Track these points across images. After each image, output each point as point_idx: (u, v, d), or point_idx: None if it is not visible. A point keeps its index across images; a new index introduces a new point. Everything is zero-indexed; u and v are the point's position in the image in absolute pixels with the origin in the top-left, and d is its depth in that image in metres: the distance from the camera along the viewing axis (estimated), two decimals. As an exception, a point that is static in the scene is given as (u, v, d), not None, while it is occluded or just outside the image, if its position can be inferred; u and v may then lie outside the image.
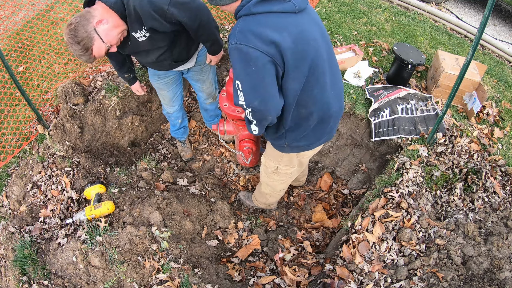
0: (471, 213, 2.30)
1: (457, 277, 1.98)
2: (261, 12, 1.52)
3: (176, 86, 2.83)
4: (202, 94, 2.99)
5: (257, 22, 1.52)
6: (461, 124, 2.88)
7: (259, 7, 1.52)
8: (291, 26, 1.55)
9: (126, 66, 2.62)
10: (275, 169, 2.32)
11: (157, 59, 2.37)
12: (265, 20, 1.53)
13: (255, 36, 1.49)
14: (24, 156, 2.96)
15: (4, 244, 2.46)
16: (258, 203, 3.02)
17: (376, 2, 4.42)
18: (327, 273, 2.26)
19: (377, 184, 2.65)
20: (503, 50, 4.15)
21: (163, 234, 2.33)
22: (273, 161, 2.28)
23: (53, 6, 3.81)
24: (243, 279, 2.55)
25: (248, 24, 1.53)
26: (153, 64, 2.50)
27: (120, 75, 2.70)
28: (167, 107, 3.00)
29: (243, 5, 1.55)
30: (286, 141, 1.97)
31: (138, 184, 2.76)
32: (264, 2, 1.52)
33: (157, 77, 2.69)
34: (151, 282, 2.12)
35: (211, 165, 3.50)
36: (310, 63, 1.62)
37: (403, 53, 3.02)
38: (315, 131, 1.93)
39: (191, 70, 2.70)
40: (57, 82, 3.19)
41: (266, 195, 2.76)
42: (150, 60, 2.39)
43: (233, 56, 1.55)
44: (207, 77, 2.83)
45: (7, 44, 3.44)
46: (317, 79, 1.69)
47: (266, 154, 2.34)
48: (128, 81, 2.77)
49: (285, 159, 2.21)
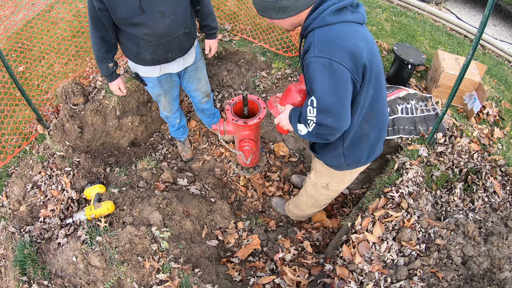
0: (471, 213, 2.30)
1: (457, 277, 1.98)
2: (336, 22, 1.44)
3: (175, 90, 2.81)
4: (198, 94, 2.97)
5: (336, 33, 1.43)
6: (461, 124, 2.88)
7: (335, 17, 1.43)
8: (363, 37, 1.48)
9: (114, 50, 2.29)
10: (326, 185, 2.23)
11: (169, 26, 2.15)
12: (343, 30, 1.44)
13: (338, 48, 1.40)
14: (24, 156, 2.96)
15: (4, 244, 2.46)
16: (290, 214, 2.95)
17: (376, 2, 4.42)
18: (327, 273, 2.26)
19: (377, 184, 2.65)
20: (503, 50, 4.15)
21: (163, 234, 2.33)
22: (325, 178, 2.18)
23: (53, 6, 3.81)
24: (243, 279, 2.55)
25: (327, 35, 1.42)
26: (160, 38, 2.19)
27: (102, 65, 2.30)
28: (166, 111, 2.97)
29: (314, 18, 1.45)
30: (344, 160, 1.87)
31: (138, 184, 2.76)
32: (339, 12, 1.44)
33: (160, 83, 2.58)
34: (151, 282, 2.12)
35: (211, 165, 3.50)
36: (376, 76, 1.56)
37: (403, 53, 3.02)
38: (374, 145, 1.86)
39: (187, 71, 2.68)
40: (57, 82, 3.20)
41: (305, 206, 2.61)
42: (162, 26, 2.12)
43: (314, 70, 1.41)
44: (202, 74, 2.82)
45: (7, 44, 3.44)
46: (380, 92, 1.63)
47: (316, 170, 2.20)
48: (110, 75, 2.39)
49: (337, 176, 2.10)
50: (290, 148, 3.61)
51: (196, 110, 3.30)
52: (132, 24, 2.09)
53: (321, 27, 1.45)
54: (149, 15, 2.05)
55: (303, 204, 2.62)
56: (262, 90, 3.50)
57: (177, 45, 2.35)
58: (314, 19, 1.46)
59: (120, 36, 2.26)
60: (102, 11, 2.01)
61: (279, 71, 3.49)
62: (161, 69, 2.48)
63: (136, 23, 2.08)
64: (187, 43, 2.43)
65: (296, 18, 1.53)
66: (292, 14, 1.50)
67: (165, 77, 2.59)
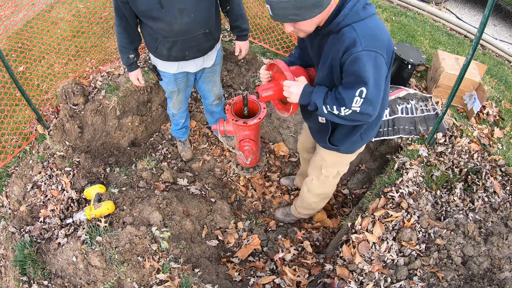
0: (471, 213, 2.30)
1: (457, 277, 1.98)
2: (368, 17, 1.53)
3: (188, 89, 2.82)
4: (210, 96, 2.97)
5: (374, 27, 1.53)
6: (461, 124, 2.88)
7: (365, 11, 1.52)
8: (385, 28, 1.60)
9: (136, 42, 2.35)
10: (337, 173, 2.33)
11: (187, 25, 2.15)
12: (377, 24, 1.54)
13: (379, 41, 1.50)
14: (24, 156, 2.96)
15: (4, 244, 2.46)
16: (303, 215, 2.96)
17: (376, 2, 4.42)
18: (327, 273, 2.26)
19: (377, 184, 2.65)
20: (503, 50, 4.15)
21: (163, 234, 2.33)
22: (335, 167, 2.28)
23: (53, 6, 3.81)
24: (243, 279, 2.55)
25: (368, 29, 1.51)
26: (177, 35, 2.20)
27: (123, 55, 2.37)
28: (174, 109, 2.97)
29: (346, 13, 1.51)
30: (361, 142, 2.03)
31: (138, 184, 2.76)
32: (367, 6, 1.54)
33: (175, 81, 2.59)
34: (151, 282, 2.12)
35: (211, 165, 3.50)
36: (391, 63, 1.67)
37: (403, 53, 3.02)
38: (378, 124, 2.04)
39: (205, 72, 2.68)
40: (57, 82, 3.19)
41: (316, 205, 2.70)
42: (180, 23, 2.12)
43: (365, 63, 1.48)
44: (218, 77, 2.83)
45: (7, 44, 3.44)
46: (388, 77, 1.72)
47: (325, 165, 2.27)
48: (130, 65, 2.46)
49: (346, 160, 2.23)
50: (290, 148, 3.60)
51: (205, 111, 3.32)
52: (151, 17, 2.11)
53: (357, 22, 1.52)
54: (167, 11, 2.06)
55: (313, 204, 2.68)
56: (262, 90, 3.50)
57: (195, 44, 2.33)
58: (346, 14, 1.52)
59: (142, 29, 2.29)
60: (124, 3, 2.06)
61: (279, 71, 3.49)
62: (179, 66, 2.47)
63: (155, 17, 2.10)
64: (207, 43, 2.39)
65: (324, 14, 1.56)
66: (324, 7, 1.53)
67: (182, 76, 2.58)
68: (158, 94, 3.50)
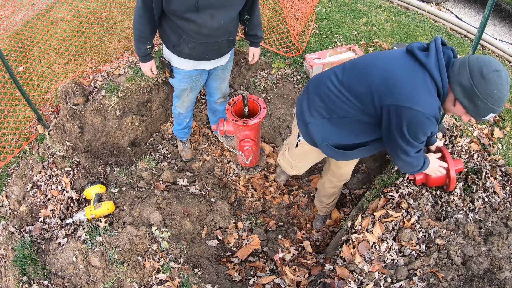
0: (471, 213, 2.29)
1: (457, 277, 1.98)
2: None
3: (199, 88, 2.83)
4: (217, 93, 2.98)
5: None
6: (461, 124, 2.88)
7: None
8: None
9: (155, 33, 2.34)
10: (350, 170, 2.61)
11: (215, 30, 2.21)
12: None
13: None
14: (24, 156, 2.96)
15: (4, 244, 2.46)
16: (330, 210, 3.07)
17: (376, 2, 4.42)
18: (327, 273, 2.26)
19: (377, 184, 2.65)
20: (503, 50, 4.15)
21: (163, 234, 2.33)
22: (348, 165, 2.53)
23: (53, 6, 3.82)
24: (243, 279, 2.55)
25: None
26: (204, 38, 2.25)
27: (141, 45, 2.34)
28: (182, 108, 2.96)
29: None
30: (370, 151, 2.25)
31: (138, 184, 2.76)
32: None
33: (189, 78, 2.59)
34: (151, 282, 2.12)
35: (211, 165, 3.50)
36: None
37: (403, 53, 3.01)
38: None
39: (217, 69, 2.69)
40: (57, 82, 3.20)
41: (335, 195, 2.91)
42: (209, 27, 2.18)
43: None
44: (228, 75, 2.85)
45: (7, 44, 3.44)
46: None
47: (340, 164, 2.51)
48: (146, 56, 2.44)
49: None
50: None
51: (208, 109, 3.32)
52: (183, 18, 2.13)
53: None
54: (201, 14, 2.10)
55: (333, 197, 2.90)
56: (262, 90, 3.50)
57: (217, 48, 2.40)
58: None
59: (164, 23, 2.28)
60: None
61: (279, 71, 3.49)
62: (195, 63, 2.49)
63: (186, 17, 2.12)
64: (227, 49, 2.48)
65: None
66: None
67: (196, 74, 2.58)
68: (158, 94, 3.50)
